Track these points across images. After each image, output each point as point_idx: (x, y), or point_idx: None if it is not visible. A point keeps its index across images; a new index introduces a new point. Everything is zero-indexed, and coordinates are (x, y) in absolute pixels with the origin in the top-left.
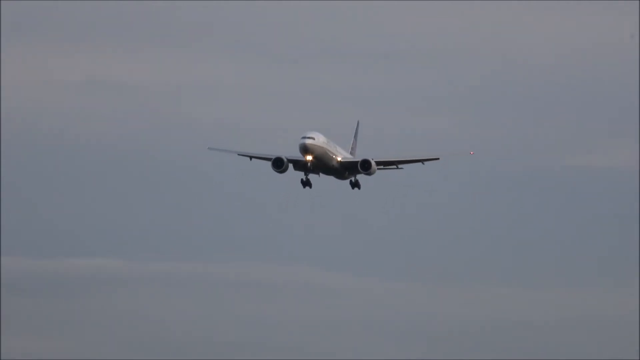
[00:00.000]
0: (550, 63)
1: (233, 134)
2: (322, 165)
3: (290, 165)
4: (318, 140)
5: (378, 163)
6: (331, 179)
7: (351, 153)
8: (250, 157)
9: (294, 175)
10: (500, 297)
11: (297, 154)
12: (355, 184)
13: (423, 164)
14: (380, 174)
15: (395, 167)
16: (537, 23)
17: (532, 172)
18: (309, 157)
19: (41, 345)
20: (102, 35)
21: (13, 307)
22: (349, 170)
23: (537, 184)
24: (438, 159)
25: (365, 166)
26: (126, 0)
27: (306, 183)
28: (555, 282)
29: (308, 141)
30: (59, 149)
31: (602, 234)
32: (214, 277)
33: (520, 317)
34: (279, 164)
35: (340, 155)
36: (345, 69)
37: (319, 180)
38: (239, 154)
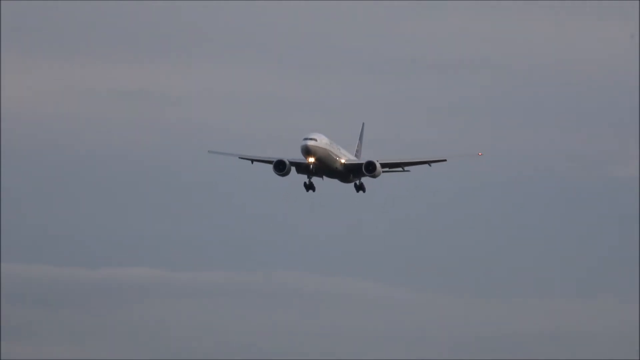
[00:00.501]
0: (550, 64)
1: (237, 138)
2: (325, 167)
3: (293, 169)
4: (320, 141)
5: (383, 165)
6: (335, 182)
7: (356, 155)
8: (252, 160)
9: (297, 179)
10: (511, 305)
11: (299, 157)
12: (360, 187)
13: (430, 165)
14: (386, 177)
15: (401, 169)
16: (536, 26)
17: (540, 177)
18: (312, 159)
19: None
20: (101, 41)
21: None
22: (353, 173)
23: (544, 188)
24: (445, 160)
25: (369, 168)
26: (124, 1)
27: (309, 186)
28: (561, 290)
29: (310, 142)
30: (59, 155)
31: (609, 239)
32: (215, 284)
33: (525, 325)
34: (281, 167)
35: (344, 157)
36: (348, 72)
37: (322, 183)
38: (240, 157)
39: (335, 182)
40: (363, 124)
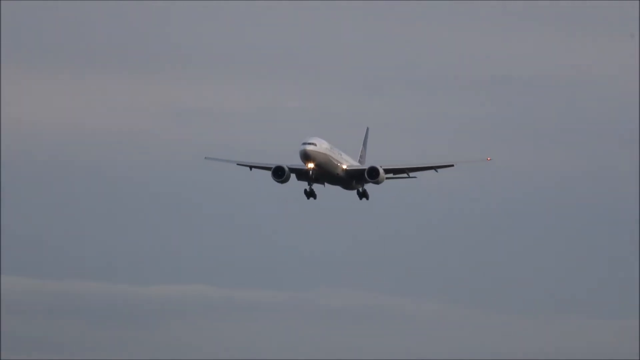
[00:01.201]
0: (552, 73)
1: (239, 146)
2: (326, 173)
3: (293, 175)
4: (320, 146)
5: (387, 171)
6: (337, 189)
7: (360, 161)
8: (250, 167)
9: (297, 185)
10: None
11: (299, 163)
12: (363, 194)
13: (436, 171)
14: (390, 184)
15: (406, 175)
16: (537, 34)
17: (543, 185)
18: (311, 165)
19: None
20: (102, 52)
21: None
22: (355, 179)
23: (547, 197)
24: (452, 165)
25: (372, 174)
26: (127, 1)
27: (310, 194)
28: (561, 301)
29: (309, 147)
30: (61, 164)
31: (613, 249)
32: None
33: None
34: (279, 174)
35: (346, 163)
36: (350, 77)
37: (324, 190)
38: (237, 164)
39: (337, 189)
40: (367, 128)
